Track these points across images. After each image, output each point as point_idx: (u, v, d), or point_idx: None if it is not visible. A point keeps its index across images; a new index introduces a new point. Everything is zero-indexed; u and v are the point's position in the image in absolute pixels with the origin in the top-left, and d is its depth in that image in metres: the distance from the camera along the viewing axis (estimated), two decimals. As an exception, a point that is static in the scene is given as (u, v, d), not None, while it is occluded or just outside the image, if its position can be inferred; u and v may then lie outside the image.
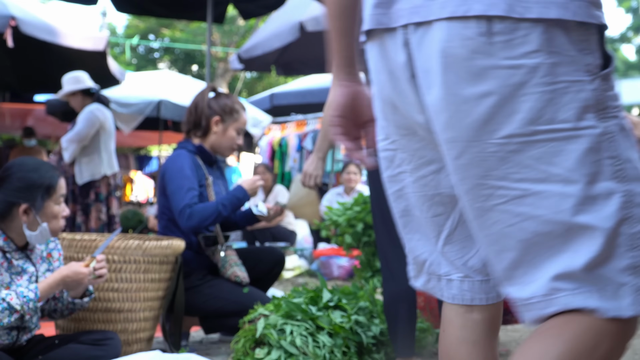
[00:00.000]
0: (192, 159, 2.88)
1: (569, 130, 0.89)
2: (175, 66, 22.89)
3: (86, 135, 4.46)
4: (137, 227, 7.86)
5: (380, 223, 2.29)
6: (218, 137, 2.97)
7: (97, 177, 4.53)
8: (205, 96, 3.00)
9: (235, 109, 2.98)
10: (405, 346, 2.25)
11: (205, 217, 2.73)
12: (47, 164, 2.22)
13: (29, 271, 2.12)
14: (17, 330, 2.10)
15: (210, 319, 2.86)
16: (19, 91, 7.76)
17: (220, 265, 2.85)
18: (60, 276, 2.04)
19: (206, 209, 2.74)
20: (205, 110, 2.96)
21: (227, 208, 2.79)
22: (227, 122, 2.97)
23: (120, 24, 23.98)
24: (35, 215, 2.09)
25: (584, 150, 0.89)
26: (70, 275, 2.04)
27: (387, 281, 2.27)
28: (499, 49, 0.89)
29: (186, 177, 2.78)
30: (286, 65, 7.28)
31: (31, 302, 1.96)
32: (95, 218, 4.53)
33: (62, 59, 6.63)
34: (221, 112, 2.95)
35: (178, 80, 9.89)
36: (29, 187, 2.09)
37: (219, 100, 2.99)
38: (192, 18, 6.74)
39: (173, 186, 2.78)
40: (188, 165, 2.82)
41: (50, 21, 5.54)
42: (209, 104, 2.97)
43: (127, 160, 15.28)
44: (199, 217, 2.71)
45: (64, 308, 2.25)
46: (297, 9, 5.94)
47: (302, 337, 2.27)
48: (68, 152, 4.48)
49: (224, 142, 2.98)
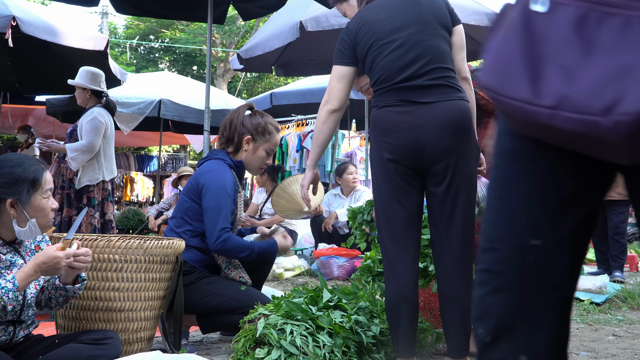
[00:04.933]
0: (232, 175, 2.94)
1: None
2: (176, 67, 22.89)
3: (97, 144, 4.44)
4: (138, 227, 7.86)
5: (382, 223, 2.29)
6: (248, 155, 3.03)
7: (93, 182, 4.51)
8: (241, 113, 3.05)
9: (268, 130, 3.03)
10: (406, 346, 2.25)
11: (236, 251, 2.82)
12: (30, 158, 2.21)
13: (18, 264, 2.13)
14: (13, 325, 2.11)
15: (207, 317, 2.86)
16: (19, 91, 7.76)
17: (224, 266, 2.88)
18: (36, 263, 2.02)
19: (240, 245, 2.82)
20: (239, 127, 3.02)
21: (256, 255, 2.86)
22: (258, 141, 3.03)
23: (121, 25, 23.97)
24: (23, 209, 2.09)
25: None
26: (46, 261, 2.02)
27: (389, 281, 2.27)
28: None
29: (228, 198, 2.84)
30: (286, 65, 7.29)
31: (10, 293, 1.96)
32: (86, 223, 4.50)
33: (62, 59, 6.64)
34: (253, 132, 3.01)
35: (178, 80, 9.90)
36: (14, 182, 2.10)
37: (253, 119, 3.04)
38: (193, 19, 6.74)
39: (213, 202, 2.83)
40: (230, 183, 2.88)
41: (51, 21, 5.54)
42: (243, 121, 3.03)
43: (127, 160, 15.28)
44: (230, 247, 2.79)
45: (58, 295, 2.23)
46: (297, 9, 5.94)
47: (302, 337, 2.27)
48: (77, 162, 4.44)
49: (253, 160, 3.04)
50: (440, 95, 2.22)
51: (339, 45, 2.39)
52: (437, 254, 2.29)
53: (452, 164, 2.20)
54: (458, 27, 2.40)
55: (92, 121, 4.46)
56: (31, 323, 2.20)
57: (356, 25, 2.36)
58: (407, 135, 2.19)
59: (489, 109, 2.91)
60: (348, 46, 2.36)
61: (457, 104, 2.23)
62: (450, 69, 2.29)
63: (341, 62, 2.38)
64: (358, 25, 2.35)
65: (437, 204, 2.25)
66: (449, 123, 2.20)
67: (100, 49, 5.80)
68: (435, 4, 2.36)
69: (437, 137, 2.19)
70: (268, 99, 9.89)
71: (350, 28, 2.37)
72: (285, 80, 16.61)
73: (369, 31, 2.31)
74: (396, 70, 2.24)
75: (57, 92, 7.78)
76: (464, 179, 2.22)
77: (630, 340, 3.25)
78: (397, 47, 2.26)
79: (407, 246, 2.25)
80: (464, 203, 2.23)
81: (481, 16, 5.63)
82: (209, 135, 5.15)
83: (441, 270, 2.28)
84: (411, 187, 2.25)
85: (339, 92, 2.37)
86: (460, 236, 2.24)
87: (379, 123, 2.26)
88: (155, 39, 22.87)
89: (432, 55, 2.26)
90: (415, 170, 2.24)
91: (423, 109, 2.20)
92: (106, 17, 18.83)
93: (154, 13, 6.00)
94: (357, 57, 2.36)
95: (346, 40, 2.37)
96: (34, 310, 2.20)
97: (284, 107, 9.92)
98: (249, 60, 6.43)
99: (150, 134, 11.31)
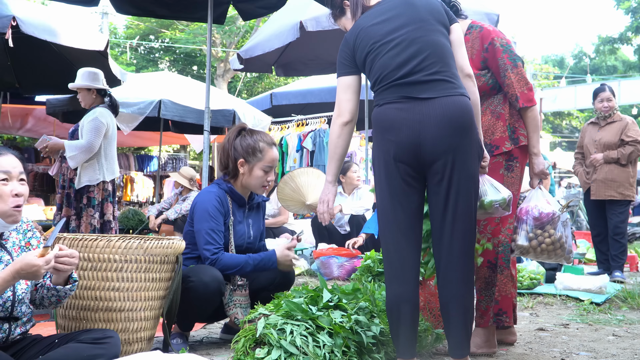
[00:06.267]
0: (220, 197, 2.99)
1: None
2: (176, 66, 22.89)
3: (97, 144, 4.43)
4: (138, 227, 7.85)
5: (384, 223, 2.29)
6: (246, 178, 3.07)
7: (93, 183, 4.50)
8: (232, 138, 3.09)
9: (259, 148, 3.05)
10: (407, 347, 2.25)
11: (229, 268, 2.89)
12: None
13: (4, 260, 2.11)
14: (8, 323, 2.10)
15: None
16: (19, 91, 7.75)
17: (226, 300, 2.95)
18: (14, 269, 1.98)
19: (232, 263, 2.89)
20: (231, 152, 3.07)
21: (252, 267, 2.91)
22: (252, 162, 3.05)
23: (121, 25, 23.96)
24: None
25: None
26: (24, 268, 1.98)
27: (390, 282, 2.27)
28: None
29: (209, 218, 2.92)
30: (286, 66, 7.28)
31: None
32: (86, 223, 4.49)
33: (62, 59, 6.64)
34: (244, 154, 3.04)
35: (178, 80, 9.89)
36: None
37: (243, 141, 3.07)
38: (193, 19, 6.73)
39: (196, 225, 2.95)
40: (211, 204, 2.94)
41: (51, 21, 5.54)
42: (234, 145, 3.07)
43: (127, 160, 15.28)
44: (221, 267, 2.87)
45: (50, 295, 2.22)
46: (297, 9, 5.94)
47: (302, 337, 2.27)
48: (75, 161, 4.43)
49: (252, 181, 3.07)
50: (440, 91, 2.22)
51: (339, 57, 2.41)
52: (437, 253, 2.29)
53: (452, 161, 2.20)
54: (455, 25, 2.41)
55: (93, 121, 4.46)
56: (27, 320, 2.19)
57: (353, 34, 2.37)
58: (407, 132, 2.20)
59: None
60: (348, 55, 2.38)
61: (457, 100, 2.23)
62: (450, 64, 2.30)
63: (344, 72, 2.39)
64: (355, 34, 2.37)
65: (438, 202, 2.25)
66: (449, 120, 2.20)
67: (100, 49, 5.79)
68: (431, 3, 2.37)
69: (436, 134, 2.19)
70: (268, 99, 9.89)
71: (348, 38, 2.39)
72: (285, 80, 16.61)
73: (366, 36, 2.32)
74: (395, 67, 2.25)
75: (57, 92, 7.76)
76: (464, 177, 2.22)
77: (630, 340, 3.25)
78: (395, 46, 2.27)
79: (408, 247, 2.25)
80: (464, 202, 2.23)
81: (481, 16, 5.62)
82: (209, 135, 5.14)
83: (442, 270, 2.28)
84: (412, 188, 2.25)
85: (348, 102, 2.37)
86: (460, 235, 2.24)
87: (379, 120, 2.27)
88: (155, 39, 22.86)
89: (430, 50, 2.26)
90: (416, 169, 2.24)
91: (423, 106, 2.20)
92: (106, 17, 18.82)
93: (154, 13, 5.99)
94: (357, 64, 2.37)
95: (345, 50, 2.39)
96: (29, 307, 2.19)
97: (284, 107, 9.92)
98: (249, 60, 6.43)
99: (150, 134, 11.30)
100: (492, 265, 2.86)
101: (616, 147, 5.68)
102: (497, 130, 2.89)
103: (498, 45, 2.88)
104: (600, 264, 5.86)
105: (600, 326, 3.64)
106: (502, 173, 2.88)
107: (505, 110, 2.91)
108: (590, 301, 4.33)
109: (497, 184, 2.58)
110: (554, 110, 28.73)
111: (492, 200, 2.50)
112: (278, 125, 9.88)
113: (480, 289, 2.88)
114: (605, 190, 5.68)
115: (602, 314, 4.04)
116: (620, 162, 5.65)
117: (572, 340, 3.23)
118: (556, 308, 4.30)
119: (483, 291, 2.88)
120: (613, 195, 5.66)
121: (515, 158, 2.91)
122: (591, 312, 4.10)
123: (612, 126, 5.76)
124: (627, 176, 5.66)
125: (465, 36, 2.93)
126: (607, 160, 5.66)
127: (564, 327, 3.62)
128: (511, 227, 2.85)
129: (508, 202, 2.53)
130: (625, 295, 4.50)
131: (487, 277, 2.87)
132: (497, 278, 2.86)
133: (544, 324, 3.70)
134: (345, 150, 2.42)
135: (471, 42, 2.93)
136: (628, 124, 5.72)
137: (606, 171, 5.68)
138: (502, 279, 2.86)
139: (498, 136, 2.89)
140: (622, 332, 3.49)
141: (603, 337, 3.32)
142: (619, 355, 2.91)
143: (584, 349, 3.03)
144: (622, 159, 5.63)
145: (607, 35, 28.70)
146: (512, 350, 2.97)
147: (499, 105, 2.92)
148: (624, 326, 3.65)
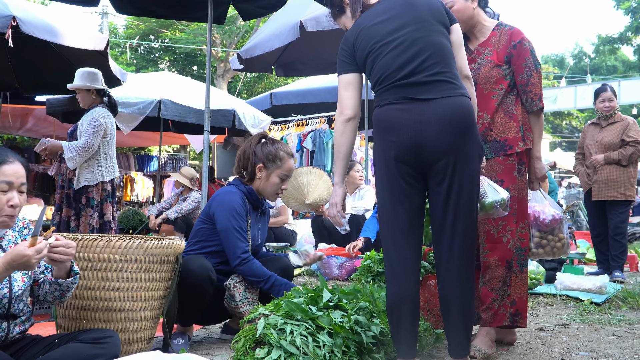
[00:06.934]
0: (242, 198, 3.05)
1: None
2: (176, 67, 22.89)
3: (96, 144, 4.43)
4: (138, 227, 7.85)
5: (384, 224, 2.29)
6: (262, 183, 3.14)
7: (92, 183, 4.50)
8: (253, 143, 3.18)
9: (279, 156, 3.14)
10: (407, 347, 2.25)
11: (254, 274, 2.94)
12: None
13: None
14: (6, 320, 2.10)
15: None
16: (19, 91, 7.75)
17: (239, 298, 2.97)
18: (5, 260, 1.97)
19: (258, 273, 2.93)
20: (251, 157, 3.15)
21: (269, 286, 2.92)
22: (270, 168, 3.13)
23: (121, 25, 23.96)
24: None
25: None
26: (15, 259, 1.96)
27: (391, 282, 2.27)
28: None
29: (238, 217, 2.97)
30: (286, 66, 7.29)
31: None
32: (84, 223, 4.48)
33: (62, 59, 6.64)
34: (264, 159, 3.13)
35: (178, 80, 9.89)
36: None
37: (264, 147, 3.16)
38: (193, 19, 6.73)
39: (226, 223, 2.96)
40: (238, 204, 3.00)
41: (51, 21, 5.54)
42: (255, 151, 3.15)
43: (127, 160, 15.28)
44: (249, 269, 2.93)
45: (53, 290, 2.21)
46: (297, 9, 5.94)
47: (302, 337, 2.27)
48: (74, 162, 4.43)
49: (268, 187, 3.14)
50: (441, 91, 2.22)
51: (339, 56, 2.41)
52: (438, 253, 2.29)
53: (453, 162, 2.20)
54: (455, 25, 2.42)
55: (92, 121, 4.46)
56: (26, 319, 2.18)
57: (354, 33, 2.37)
58: (409, 133, 2.20)
59: None
60: (348, 54, 2.37)
61: (458, 101, 2.23)
62: (451, 65, 2.30)
63: (344, 70, 2.39)
64: (355, 33, 2.36)
65: (439, 203, 2.25)
66: (450, 121, 2.20)
67: (100, 49, 5.79)
68: (431, 3, 2.37)
69: (437, 135, 2.19)
70: (268, 99, 9.89)
71: (348, 37, 2.39)
72: (285, 80, 16.61)
73: (367, 36, 2.32)
74: (396, 68, 2.25)
75: (57, 92, 7.76)
76: (466, 177, 2.22)
77: (630, 340, 3.25)
78: (396, 46, 2.27)
79: (409, 247, 2.25)
80: (465, 202, 2.23)
81: (481, 16, 5.62)
82: (209, 135, 5.15)
83: (442, 270, 2.28)
84: (413, 189, 2.25)
85: (349, 99, 2.37)
86: (461, 235, 2.23)
87: (380, 121, 2.26)
88: (155, 39, 22.86)
89: (431, 50, 2.26)
90: (417, 170, 2.24)
91: (424, 106, 2.20)
92: (106, 17, 18.82)
93: (154, 13, 6.00)
94: (358, 64, 2.37)
95: (345, 49, 2.39)
96: (28, 306, 2.19)
97: (284, 107, 9.92)
98: (249, 60, 6.43)
99: (150, 134, 11.30)
100: (509, 266, 2.87)
101: (617, 148, 5.68)
102: (510, 130, 2.91)
103: (527, 46, 2.95)
104: (600, 264, 5.86)
105: (600, 326, 3.64)
106: (515, 176, 2.90)
107: (518, 112, 2.94)
108: (590, 301, 4.33)
109: (495, 185, 2.60)
110: (554, 110, 28.72)
111: (492, 201, 2.52)
112: (278, 125, 9.88)
113: (495, 287, 2.88)
114: (606, 191, 5.68)
115: (602, 314, 4.03)
116: (621, 163, 5.65)
117: (572, 340, 3.23)
118: (556, 308, 4.30)
119: (498, 290, 2.87)
120: (615, 196, 5.66)
121: (523, 162, 2.95)
122: (591, 312, 4.10)
123: (614, 126, 5.76)
124: (628, 176, 5.66)
125: (493, 31, 3.03)
126: (608, 162, 5.66)
127: (564, 327, 3.62)
128: (523, 231, 2.89)
129: (507, 202, 2.58)
130: (625, 295, 4.49)
131: (503, 276, 2.87)
132: (512, 279, 2.87)
133: (544, 324, 3.70)
134: (350, 149, 2.41)
135: (499, 36, 3.00)
136: (629, 124, 5.72)
137: (607, 172, 5.68)
138: (517, 281, 2.88)
139: (512, 136, 2.90)
140: (622, 332, 3.49)
141: (603, 337, 3.32)
142: (619, 355, 2.91)
143: (584, 349, 3.03)
144: (623, 160, 5.63)
145: (607, 35, 28.73)
146: (512, 350, 2.97)
147: (511, 106, 2.94)
148: (624, 326, 3.65)
